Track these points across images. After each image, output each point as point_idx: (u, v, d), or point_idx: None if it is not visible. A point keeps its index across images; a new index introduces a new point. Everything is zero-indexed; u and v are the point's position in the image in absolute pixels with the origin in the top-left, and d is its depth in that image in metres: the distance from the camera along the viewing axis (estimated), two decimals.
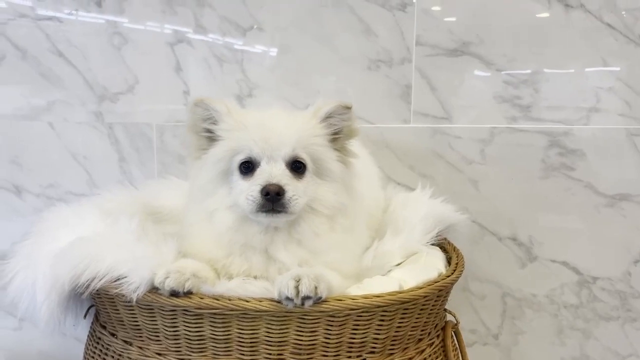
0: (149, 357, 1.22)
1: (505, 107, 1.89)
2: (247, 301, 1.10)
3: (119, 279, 1.13)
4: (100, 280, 1.13)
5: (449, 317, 1.43)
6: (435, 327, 1.35)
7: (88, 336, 1.44)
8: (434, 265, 1.33)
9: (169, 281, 1.10)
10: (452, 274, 1.28)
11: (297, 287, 1.06)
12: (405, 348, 1.24)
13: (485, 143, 1.91)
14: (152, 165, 1.93)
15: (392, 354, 1.22)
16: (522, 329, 2.02)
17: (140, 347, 1.24)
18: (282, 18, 1.86)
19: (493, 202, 1.94)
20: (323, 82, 1.90)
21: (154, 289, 1.13)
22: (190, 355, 1.18)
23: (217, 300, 1.10)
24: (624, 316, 1.99)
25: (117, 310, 1.23)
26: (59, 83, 1.86)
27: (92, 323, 1.42)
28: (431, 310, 1.26)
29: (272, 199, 1.15)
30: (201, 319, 1.13)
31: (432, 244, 1.48)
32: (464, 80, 1.90)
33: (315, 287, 1.06)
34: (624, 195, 1.92)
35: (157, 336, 1.20)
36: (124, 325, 1.25)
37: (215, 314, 1.12)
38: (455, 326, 1.40)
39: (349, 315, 1.12)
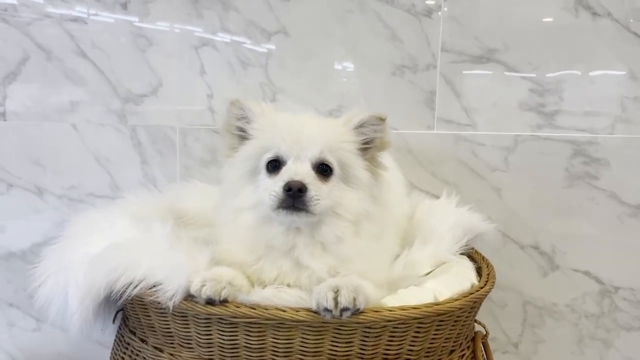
0: None
1: (530, 114, 1.89)
2: (284, 311, 1.09)
3: (154, 286, 1.13)
4: (135, 287, 1.13)
5: (478, 328, 1.42)
6: (466, 338, 1.34)
7: (115, 341, 1.44)
8: (465, 276, 1.32)
9: (206, 289, 1.10)
10: (485, 285, 1.27)
11: (335, 299, 1.05)
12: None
13: (509, 151, 1.90)
14: (175, 169, 1.93)
15: None
16: (542, 337, 2.01)
17: (172, 355, 1.23)
18: (308, 23, 1.85)
19: (516, 210, 1.93)
20: (347, 87, 1.89)
21: (189, 297, 1.13)
22: None
23: (254, 309, 1.10)
24: None
25: (149, 316, 1.23)
26: (83, 84, 1.85)
27: (120, 328, 1.41)
28: (464, 321, 1.25)
29: (294, 195, 1.15)
30: (236, 327, 1.13)
31: (461, 254, 1.48)
32: (488, 87, 1.89)
33: (354, 299, 1.06)
34: None
35: (190, 344, 1.20)
36: (155, 331, 1.25)
37: (250, 323, 1.11)
38: (484, 337, 1.39)
39: (385, 326, 1.11)
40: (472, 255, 1.51)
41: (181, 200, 1.66)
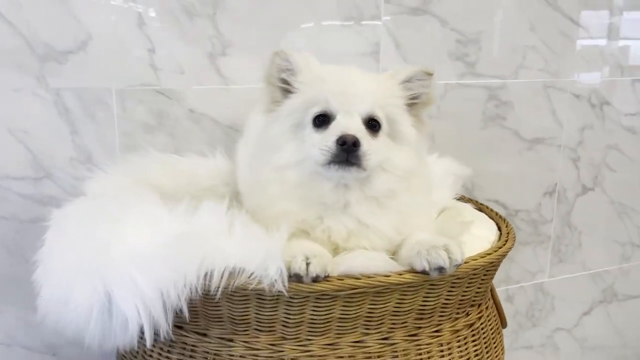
0: (259, 349, 1.12)
1: (457, 64, 2.05)
2: (388, 276, 1.08)
3: (253, 273, 1.01)
4: (236, 278, 1.00)
5: None
6: None
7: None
8: (485, 219, 1.44)
9: (313, 267, 1.03)
10: (508, 225, 1.40)
11: (449, 257, 1.08)
12: (482, 299, 1.35)
13: (440, 98, 2.06)
14: (113, 138, 1.66)
15: (479, 305, 1.32)
16: None
17: (247, 342, 1.13)
18: None
19: (444, 154, 2.11)
20: (298, 38, 1.82)
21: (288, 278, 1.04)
22: (311, 339, 1.12)
23: (358, 279, 1.06)
24: (535, 240, 2.38)
25: (218, 306, 1.10)
26: None
27: None
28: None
29: (348, 150, 1.12)
30: (335, 300, 1.08)
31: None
32: (424, 39, 1.99)
33: (462, 254, 1.10)
34: (539, 139, 2.26)
35: (272, 326, 1.11)
36: (222, 321, 1.12)
37: (353, 294, 1.08)
38: None
39: (467, 275, 1.17)
40: (458, 198, 1.64)
41: (156, 176, 1.46)
